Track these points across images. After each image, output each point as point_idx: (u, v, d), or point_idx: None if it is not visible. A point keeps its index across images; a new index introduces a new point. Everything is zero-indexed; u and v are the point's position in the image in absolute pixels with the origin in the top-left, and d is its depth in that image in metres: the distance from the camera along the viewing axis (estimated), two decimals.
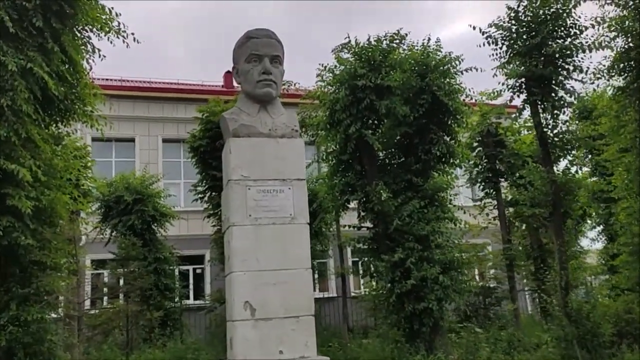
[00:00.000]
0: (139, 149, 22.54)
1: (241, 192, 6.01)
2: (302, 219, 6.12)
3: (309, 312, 5.93)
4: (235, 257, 5.85)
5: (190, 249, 19.55)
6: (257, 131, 6.26)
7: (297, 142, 6.35)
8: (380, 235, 9.91)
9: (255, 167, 6.10)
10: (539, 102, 9.00)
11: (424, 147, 10.06)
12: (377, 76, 9.53)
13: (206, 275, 21.49)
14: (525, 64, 8.72)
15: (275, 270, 5.91)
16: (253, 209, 5.98)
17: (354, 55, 10.06)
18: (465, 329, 9.84)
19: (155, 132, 23.02)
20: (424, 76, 9.80)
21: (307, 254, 6.08)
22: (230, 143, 6.13)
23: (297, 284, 5.94)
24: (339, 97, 9.75)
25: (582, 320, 7.99)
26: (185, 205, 21.73)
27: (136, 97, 22.64)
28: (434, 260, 9.30)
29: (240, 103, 6.54)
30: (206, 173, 11.21)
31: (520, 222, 13.47)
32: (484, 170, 13.01)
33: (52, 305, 7.04)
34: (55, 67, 6.41)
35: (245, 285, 5.79)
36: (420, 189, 9.93)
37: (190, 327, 15.38)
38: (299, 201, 6.13)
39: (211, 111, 11.11)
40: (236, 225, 5.91)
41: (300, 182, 6.20)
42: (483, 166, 12.67)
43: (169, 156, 22.84)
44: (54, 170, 6.72)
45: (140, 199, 15.23)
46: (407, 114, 9.59)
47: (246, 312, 5.74)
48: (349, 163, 10.39)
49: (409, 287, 9.03)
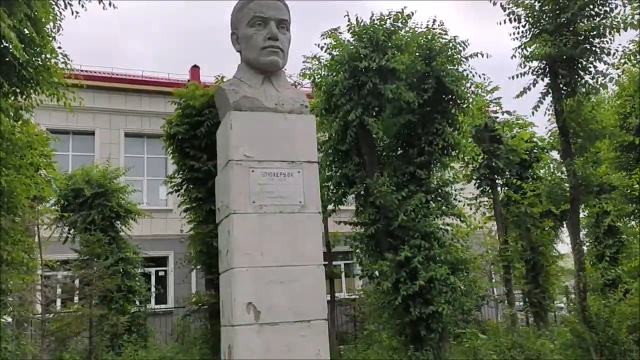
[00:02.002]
0: (99, 143, 21.59)
1: (244, 174, 5.21)
2: (314, 208, 5.36)
3: (321, 316, 5.18)
4: (236, 251, 5.04)
5: (153, 249, 18.71)
6: (262, 105, 5.48)
7: (308, 119, 5.61)
8: (381, 232, 9.17)
9: (260, 147, 5.32)
10: (563, 87, 8.44)
11: (427, 138, 9.42)
12: (382, 57, 8.80)
13: (169, 278, 20.78)
14: (554, 42, 8.09)
15: (283, 267, 5.15)
16: (257, 195, 5.19)
17: (354, 36, 9.33)
18: (466, 334, 9.21)
19: (117, 125, 22.10)
20: (429, 60, 9.15)
21: (319, 248, 5.34)
22: (230, 117, 5.32)
23: (307, 283, 5.19)
24: (337, 79, 8.99)
25: (601, 326, 7.46)
26: (149, 203, 20.90)
27: (97, 88, 21.82)
28: (441, 260, 8.63)
29: (240, 73, 5.73)
30: (183, 163, 10.25)
31: (514, 223, 13.01)
32: (480, 166, 12.51)
33: (9, 307, 5.99)
34: (18, 22, 5.42)
35: (248, 283, 5.00)
36: (424, 182, 9.27)
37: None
38: (310, 187, 5.38)
39: (191, 95, 10.16)
40: (237, 213, 5.11)
41: (312, 165, 5.44)
42: (479, 162, 12.16)
43: (131, 151, 21.96)
44: (15, 147, 5.71)
45: (102, 193, 14.37)
46: (413, 100, 8.91)
47: (249, 316, 4.95)
48: (347, 154, 9.65)
49: (416, 288, 8.32)
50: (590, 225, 15.60)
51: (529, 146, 13.23)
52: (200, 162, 9.92)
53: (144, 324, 14.58)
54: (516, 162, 12.68)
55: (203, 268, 10.38)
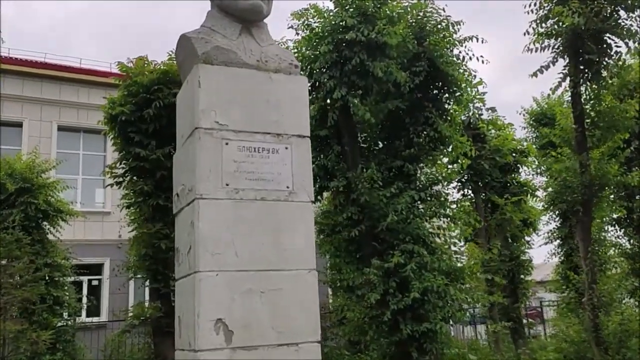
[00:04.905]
0: (27, 136, 19.86)
1: (214, 147, 4.02)
2: (305, 195, 4.23)
3: (313, 337, 4.04)
4: (202, 249, 3.84)
5: (86, 256, 17.22)
6: (240, 60, 4.31)
7: (300, 81, 4.48)
8: (365, 234, 8.03)
9: (237, 113, 4.15)
10: (583, 69, 7.60)
11: (415, 129, 8.42)
12: (371, 30, 7.71)
13: (104, 287, 19.27)
14: (584, 10, 7.16)
15: (264, 271, 4.00)
16: (232, 176, 4.02)
17: (337, 6, 8.23)
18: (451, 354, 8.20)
19: (49, 117, 20.49)
20: (420, 40, 8.17)
21: (310, 247, 4.21)
22: (198, 72, 4.11)
23: (296, 293, 4.06)
24: (318, 53, 7.85)
25: (615, 346, 6.61)
26: (84, 204, 19.29)
27: (27, 74, 20.22)
28: (435, 268, 7.57)
29: (210, 21, 4.53)
30: (127, 151, 8.84)
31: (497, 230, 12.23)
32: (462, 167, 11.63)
33: None
34: None
35: (218, 293, 3.81)
36: (413, 179, 8.24)
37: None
38: (300, 168, 4.24)
39: (138, 71, 8.79)
40: (205, 199, 3.91)
41: (303, 141, 4.31)
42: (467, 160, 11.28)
43: (65, 146, 20.27)
44: None
45: (27, 188, 12.88)
46: (405, 82, 7.89)
47: (218, 337, 3.76)
48: (327, 141, 8.50)
49: (409, 301, 7.21)
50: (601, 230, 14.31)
51: (514, 145, 12.53)
52: (148, 150, 8.62)
53: (72, 340, 13.21)
54: (502, 164, 11.96)
55: (147, 275, 8.97)
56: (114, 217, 17.51)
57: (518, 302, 12.11)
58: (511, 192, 12.16)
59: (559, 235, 14.83)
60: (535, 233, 14.11)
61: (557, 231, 14.78)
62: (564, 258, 15.21)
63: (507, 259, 12.39)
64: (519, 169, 12.98)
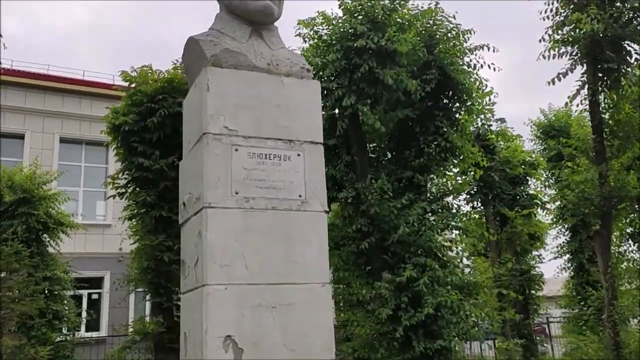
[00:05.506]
0: (29, 148, 19.74)
1: (224, 153, 3.84)
2: (318, 204, 4.04)
3: (327, 356, 3.84)
4: (210, 261, 3.64)
5: (87, 269, 17.00)
6: (250, 63, 4.15)
7: (313, 86, 4.31)
8: (375, 247, 7.81)
9: (247, 118, 3.98)
10: (602, 77, 7.42)
11: (426, 138, 8.24)
12: (381, 37, 7.57)
13: (104, 301, 19.02)
14: (603, 17, 6.99)
15: (275, 285, 3.81)
16: (242, 183, 3.83)
17: (346, 13, 8.09)
18: None
19: (52, 129, 20.43)
20: (430, 48, 8.02)
21: (324, 259, 4.02)
22: (207, 75, 3.94)
23: (308, 308, 3.86)
24: (328, 60, 7.69)
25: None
26: (85, 217, 19.14)
27: (29, 86, 20.19)
28: (449, 283, 7.34)
29: (219, 24, 4.39)
30: (130, 161, 8.66)
31: (507, 244, 12.00)
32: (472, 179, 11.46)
33: None
34: None
35: (227, 307, 3.61)
36: (424, 190, 8.04)
37: None
38: (313, 175, 4.06)
39: (142, 80, 8.64)
40: (214, 207, 3.73)
41: (316, 148, 4.13)
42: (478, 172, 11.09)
43: (67, 159, 20.26)
44: None
45: (27, 200, 12.79)
46: (416, 90, 7.73)
47: (227, 355, 3.56)
48: (336, 151, 8.32)
49: (422, 317, 6.98)
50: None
51: (524, 157, 12.34)
52: (151, 160, 8.44)
53: (71, 356, 13.04)
54: (512, 176, 11.76)
55: (149, 289, 8.74)
56: (115, 229, 17.34)
57: (529, 318, 11.85)
58: (521, 204, 11.96)
59: (569, 249, 14.59)
60: (542, 247, 13.87)
61: (566, 245, 14.56)
62: (574, 273, 14.98)
63: (518, 273, 12.17)
64: (528, 182, 12.78)
